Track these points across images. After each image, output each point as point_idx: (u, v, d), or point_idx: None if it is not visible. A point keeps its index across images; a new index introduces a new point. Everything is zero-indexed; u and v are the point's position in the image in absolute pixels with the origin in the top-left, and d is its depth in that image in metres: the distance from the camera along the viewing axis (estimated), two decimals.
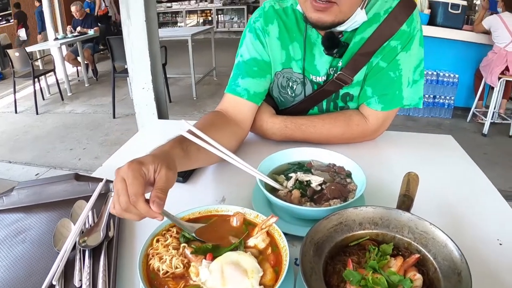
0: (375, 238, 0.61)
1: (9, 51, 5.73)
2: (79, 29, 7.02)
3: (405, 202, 0.66)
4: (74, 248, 0.70)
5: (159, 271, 0.58)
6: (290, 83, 1.14)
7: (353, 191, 0.78)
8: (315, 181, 0.80)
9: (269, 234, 0.63)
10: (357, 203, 0.70)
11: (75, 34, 6.92)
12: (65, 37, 6.74)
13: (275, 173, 0.86)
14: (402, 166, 0.86)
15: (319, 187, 0.80)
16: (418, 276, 0.52)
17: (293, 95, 1.15)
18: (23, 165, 4.02)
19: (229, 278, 0.53)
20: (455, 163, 1.04)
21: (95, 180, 0.91)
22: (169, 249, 0.61)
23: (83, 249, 0.70)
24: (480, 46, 4.61)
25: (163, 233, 0.65)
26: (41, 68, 6.54)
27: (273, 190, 0.79)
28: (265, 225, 0.62)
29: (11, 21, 9.61)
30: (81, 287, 0.62)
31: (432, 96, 4.74)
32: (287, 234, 0.64)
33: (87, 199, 0.83)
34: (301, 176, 0.82)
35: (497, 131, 4.40)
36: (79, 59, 6.91)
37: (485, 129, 4.31)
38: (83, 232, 0.75)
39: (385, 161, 1.05)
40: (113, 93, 5.20)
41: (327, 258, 0.56)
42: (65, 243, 0.70)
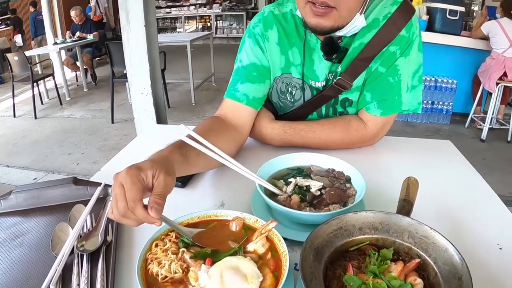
0: (375, 243, 0.61)
1: (8, 55, 5.72)
2: (78, 34, 7.03)
3: (405, 206, 0.65)
4: (72, 252, 0.70)
5: (158, 275, 0.57)
6: (289, 88, 1.14)
7: (353, 196, 0.78)
8: (315, 186, 0.80)
9: (268, 239, 0.63)
10: (357, 208, 0.69)
11: (74, 39, 6.93)
12: (64, 42, 6.75)
13: (275, 178, 0.86)
14: (401, 171, 0.86)
15: (319, 192, 0.79)
16: (418, 280, 0.52)
17: (292, 100, 1.15)
18: (21, 169, 4.01)
19: (229, 283, 0.53)
20: (454, 168, 1.04)
21: (94, 184, 0.91)
22: (168, 254, 0.60)
23: (81, 254, 0.69)
24: (478, 52, 4.64)
25: (162, 237, 0.65)
26: (40, 72, 6.53)
27: (272, 195, 0.79)
28: (264, 230, 0.62)
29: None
30: None
31: (430, 102, 4.76)
32: (286, 239, 0.64)
33: (85, 203, 0.82)
34: (301, 181, 0.82)
35: (496, 137, 4.41)
36: (78, 64, 6.91)
37: (484, 135, 4.32)
38: (81, 236, 0.74)
39: (384, 166, 1.05)
40: (111, 98, 5.20)
41: (327, 263, 0.56)
42: (63, 247, 0.69)
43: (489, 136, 4.32)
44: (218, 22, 11.77)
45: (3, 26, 9.55)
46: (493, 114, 4.38)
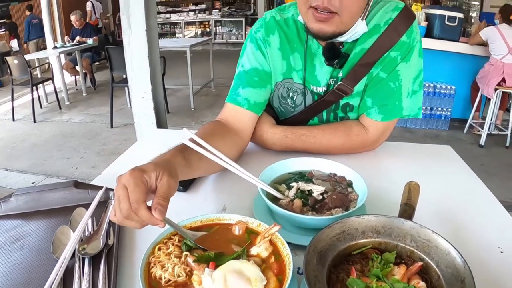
0: (377, 246, 0.61)
1: (8, 59, 5.73)
2: (78, 38, 7.04)
3: (407, 210, 0.66)
4: (73, 255, 0.70)
5: (161, 279, 0.57)
6: (290, 94, 1.14)
7: (355, 200, 0.78)
8: (317, 190, 0.80)
9: (271, 242, 0.63)
10: (359, 212, 0.70)
11: (74, 43, 6.95)
12: (63, 46, 6.76)
13: (277, 183, 0.86)
14: (402, 175, 0.87)
15: (321, 197, 0.79)
16: (422, 284, 0.52)
17: (294, 105, 1.16)
18: (19, 173, 4.00)
19: (232, 286, 0.53)
20: (454, 173, 1.04)
21: (95, 188, 0.91)
22: (171, 258, 0.60)
23: (83, 257, 0.69)
24: (476, 58, 4.66)
25: (165, 241, 0.65)
26: (39, 76, 6.54)
27: (274, 199, 0.79)
28: (267, 234, 0.62)
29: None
30: None
31: (429, 107, 4.77)
32: (289, 243, 0.63)
33: (86, 206, 0.82)
34: (303, 185, 0.82)
35: (494, 142, 4.42)
36: (78, 68, 6.91)
37: (482, 140, 4.33)
38: (82, 240, 0.74)
39: (385, 171, 1.06)
40: (111, 102, 5.20)
41: (331, 266, 0.56)
42: (64, 250, 0.69)
43: (488, 141, 4.33)
44: (217, 27, 11.80)
45: (3, 29, 9.56)
46: (491, 119, 4.39)
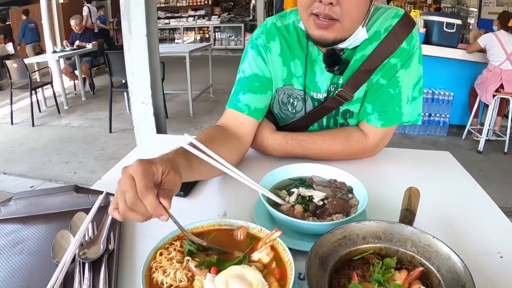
0: (378, 252, 0.61)
1: (7, 62, 5.72)
2: (77, 43, 7.06)
3: (407, 216, 0.66)
4: (73, 260, 0.69)
5: (163, 284, 0.57)
6: (291, 100, 1.14)
7: (355, 206, 0.79)
8: (317, 196, 0.80)
9: (273, 248, 0.63)
10: (360, 218, 0.70)
11: (73, 47, 6.96)
12: (63, 50, 6.77)
13: (277, 189, 0.86)
14: (402, 181, 0.87)
15: (321, 202, 0.80)
16: None
17: (294, 111, 1.16)
18: (17, 177, 3.99)
19: None
20: (454, 179, 1.05)
21: (95, 192, 0.91)
22: (173, 263, 0.60)
23: (83, 262, 0.69)
24: (474, 64, 4.69)
25: (166, 246, 0.65)
26: (38, 80, 6.55)
27: (275, 205, 0.79)
28: (269, 239, 0.62)
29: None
30: None
31: (427, 114, 4.79)
32: (290, 249, 0.63)
33: (86, 211, 0.81)
34: (303, 191, 0.82)
35: (492, 148, 4.44)
36: (77, 72, 6.92)
37: (480, 146, 4.34)
38: (82, 244, 0.74)
39: (385, 176, 1.06)
40: (110, 107, 5.21)
41: (332, 271, 0.56)
42: (64, 255, 0.69)
43: (486, 147, 4.35)
44: (216, 33, 11.83)
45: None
46: (489, 126, 4.41)
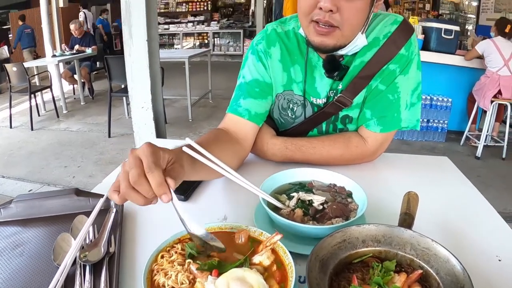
0: (378, 255, 0.62)
1: (7, 66, 5.75)
2: (77, 47, 7.07)
3: (407, 220, 0.67)
4: (74, 263, 0.69)
5: (165, 286, 0.57)
6: (290, 105, 1.15)
7: (355, 210, 0.79)
8: (317, 200, 0.81)
9: (273, 251, 0.63)
10: (359, 222, 0.70)
11: (73, 52, 6.98)
12: (62, 55, 6.79)
13: (277, 193, 0.87)
14: (400, 186, 0.88)
15: (321, 207, 0.80)
16: None
17: (293, 116, 1.17)
18: (16, 180, 3.99)
19: None
20: (452, 184, 1.06)
21: (96, 196, 0.91)
22: (174, 265, 0.61)
23: (84, 264, 0.69)
24: (472, 70, 4.71)
25: (168, 249, 0.65)
26: (37, 84, 6.55)
27: (275, 209, 0.80)
28: (269, 243, 0.63)
29: None
30: None
31: (425, 120, 4.81)
32: (290, 252, 0.64)
33: (87, 214, 0.81)
34: (303, 195, 0.83)
35: (490, 154, 4.45)
36: (76, 77, 6.93)
37: (479, 152, 4.36)
38: (83, 247, 0.74)
39: (384, 181, 1.07)
40: (109, 112, 5.21)
41: (332, 274, 0.57)
42: (65, 257, 0.69)
43: (484, 153, 4.36)
44: (215, 39, 11.86)
45: None
46: (488, 131, 4.43)
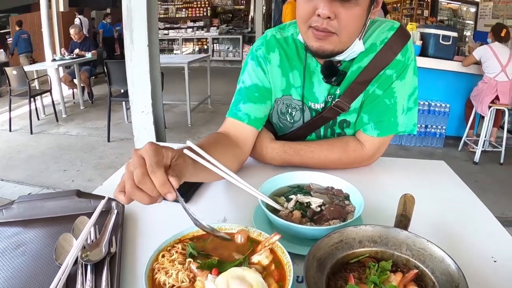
0: (374, 255, 0.63)
1: (7, 69, 5.74)
2: (77, 51, 7.09)
3: (402, 221, 0.68)
4: (75, 262, 0.70)
5: (165, 285, 0.59)
6: (289, 110, 1.17)
7: (352, 212, 0.80)
8: (315, 202, 0.82)
9: (272, 251, 0.65)
10: (356, 223, 0.72)
11: (73, 56, 6.99)
12: (62, 59, 6.80)
13: (276, 195, 0.88)
14: (397, 189, 0.89)
15: (319, 209, 0.82)
16: None
17: (292, 121, 1.18)
18: (15, 184, 3.98)
19: None
20: (449, 187, 1.07)
21: (97, 197, 0.92)
22: (175, 264, 0.62)
23: (85, 264, 0.69)
24: (470, 76, 4.75)
25: (168, 249, 0.66)
26: (37, 88, 6.56)
27: (274, 211, 0.81)
28: (268, 243, 0.64)
29: None
30: None
31: (424, 125, 4.83)
32: (288, 253, 0.65)
33: (88, 216, 0.82)
34: (301, 198, 0.84)
35: (488, 159, 4.47)
36: (76, 81, 6.94)
37: (476, 157, 4.38)
38: (85, 247, 0.75)
39: (381, 185, 1.08)
40: (108, 116, 5.21)
41: (329, 274, 0.58)
42: (67, 257, 0.69)
43: (482, 158, 4.38)
44: (215, 45, 11.88)
45: None
46: (485, 137, 4.45)
